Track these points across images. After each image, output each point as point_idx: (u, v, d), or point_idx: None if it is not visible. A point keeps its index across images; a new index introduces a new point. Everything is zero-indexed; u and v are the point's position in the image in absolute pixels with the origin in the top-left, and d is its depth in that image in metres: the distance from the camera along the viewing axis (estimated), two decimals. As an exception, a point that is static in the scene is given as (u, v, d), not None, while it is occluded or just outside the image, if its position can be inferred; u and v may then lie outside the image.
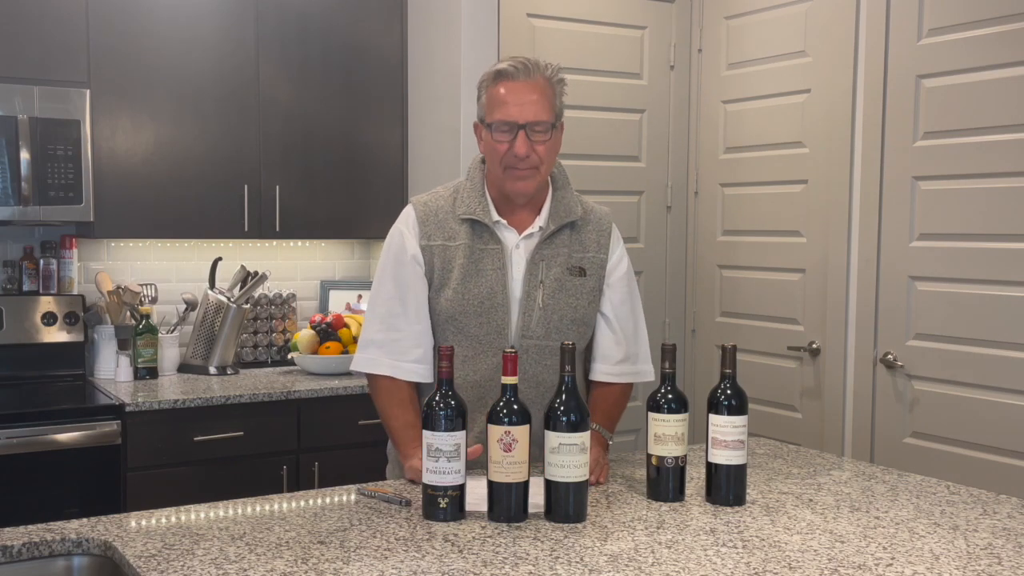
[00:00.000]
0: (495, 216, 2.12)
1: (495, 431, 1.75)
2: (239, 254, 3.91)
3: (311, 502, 1.93)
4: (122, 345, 3.52)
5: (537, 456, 2.16)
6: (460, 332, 2.11)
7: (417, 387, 2.17)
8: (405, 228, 2.16)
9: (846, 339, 3.44)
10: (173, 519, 1.80)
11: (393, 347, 2.12)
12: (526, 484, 1.78)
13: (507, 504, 1.77)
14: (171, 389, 3.36)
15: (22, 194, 3.20)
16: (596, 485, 2.01)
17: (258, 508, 1.87)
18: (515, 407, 1.76)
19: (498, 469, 1.76)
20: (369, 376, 2.17)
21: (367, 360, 2.15)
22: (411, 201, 2.20)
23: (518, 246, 2.13)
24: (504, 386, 1.78)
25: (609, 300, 2.20)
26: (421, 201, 2.18)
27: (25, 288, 3.56)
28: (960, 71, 3.06)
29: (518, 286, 2.11)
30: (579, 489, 1.78)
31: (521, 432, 1.76)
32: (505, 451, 1.75)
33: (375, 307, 2.17)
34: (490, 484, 1.78)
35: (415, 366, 2.12)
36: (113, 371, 3.53)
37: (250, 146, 3.62)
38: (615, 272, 2.21)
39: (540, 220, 2.14)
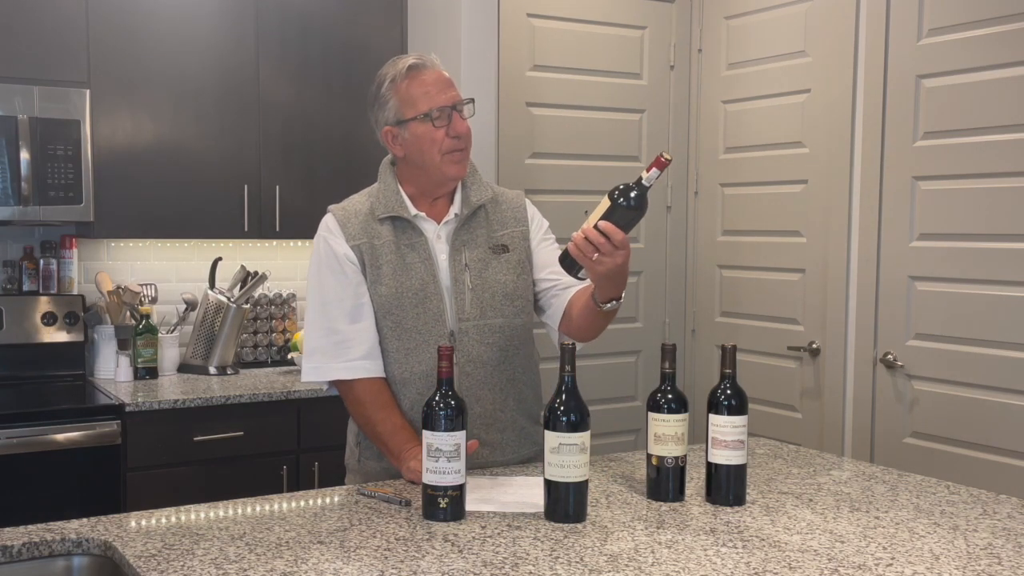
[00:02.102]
0: (413, 210, 2.16)
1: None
2: (239, 254, 3.91)
3: (311, 502, 1.93)
4: (122, 345, 3.52)
5: (532, 453, 2.19)
6: (398, 326, 2.13)
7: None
8: (328, 233, 2.18)
9: (846, 339, 3.44)
10: (173, 519, 1.80)
11: (337, 349, 2.13)
12: None
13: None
14: (171, 389, 3.36)
15: (22, 194, 3.20)
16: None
17: (258, 508, 1.87)
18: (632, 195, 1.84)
19: None
20: (342, 385, 2.17)
21: (313, 369, 2.16)
22: (328, 209, 2.22)
23: (439, 235, 2.17)
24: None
25: (543, 262, 2.23)
26: (339, 207, 2.21)
27: (25, 288, 3.56)
28: (960, 71, 3.06)
29: (446, 273, 2.14)
30: (579, 489, 1.78)
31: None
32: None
33: (312, 315, 2.18)
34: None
35: (364, 362, 2.13)
36: (113, 371, 3.53)
37: (250, 146, 3.62)
38: (537, 234, 2.26)
39: (455, 207, 2.18)
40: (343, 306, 2.14)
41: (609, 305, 2.01)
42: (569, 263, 1.92)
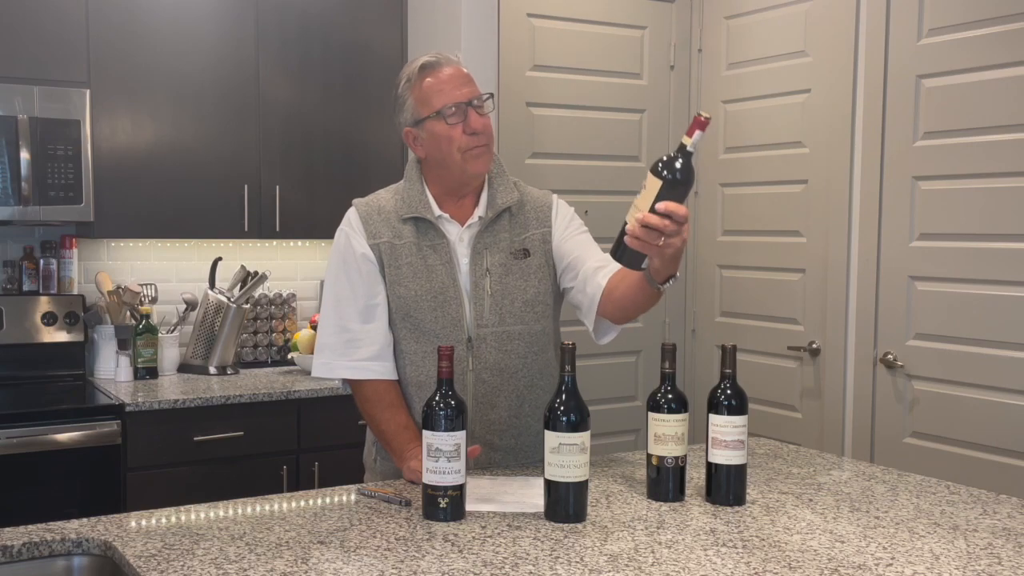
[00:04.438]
0: (437, 211, 2.14)
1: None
2: (239, 254, 3.91)
3: (311, 502, 1.93)
4: (122, 345, 3.52)
5: (535, 457, 2.18)
6: (416, 328, 2.12)
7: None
8: (350, 229, 2.17)
9: (846, 339, 3.44)
10: (173, 519, 1.80)
11: (346, 348, 2.13)
12: None
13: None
14: (171, 389, 3.36)
15: (22, 194, 3.20)
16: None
17: (258, 508, 1.87)
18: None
19: None
20: (352, 383, 2.17)
21: (322, 365, 2.16)
22: (353, 203, 2.21)
23: (461, 238, 2.14)
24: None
25: (569, 253, 2.17)
26: (363, 202, 2.20)
27: (25, 288, 3.55)
28: (960, 71, 3.06)
29: (466, 277, 2.12)
30: (579, 489, 1.78)
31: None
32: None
33: (326, 310, 2.17)
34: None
35: (371, 363, 2.12)
36: (113, 371, 3.53)
37: (250, 146, 3.62)
38: (559, 229, 2.19)
39: (479, 210, 2.15)
40: (356, 305, 2.13)
41: (669, 283, 1.91)
42: (630, 257, 1.78)
